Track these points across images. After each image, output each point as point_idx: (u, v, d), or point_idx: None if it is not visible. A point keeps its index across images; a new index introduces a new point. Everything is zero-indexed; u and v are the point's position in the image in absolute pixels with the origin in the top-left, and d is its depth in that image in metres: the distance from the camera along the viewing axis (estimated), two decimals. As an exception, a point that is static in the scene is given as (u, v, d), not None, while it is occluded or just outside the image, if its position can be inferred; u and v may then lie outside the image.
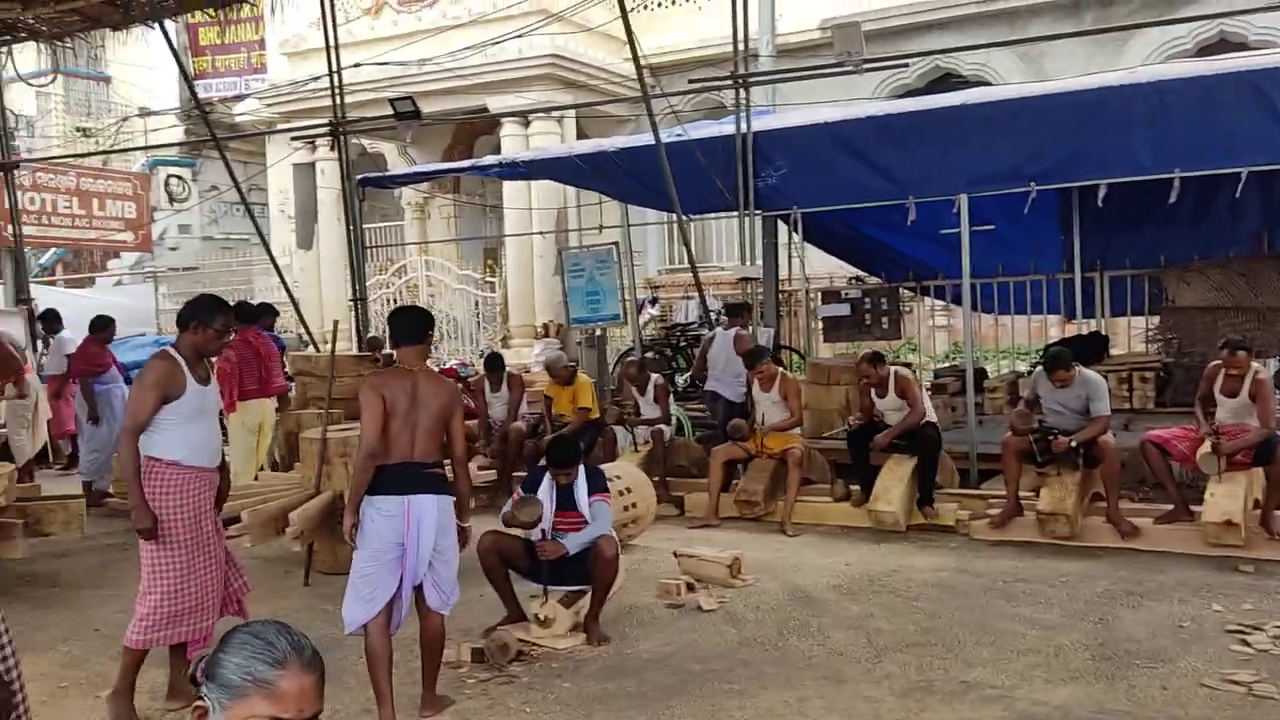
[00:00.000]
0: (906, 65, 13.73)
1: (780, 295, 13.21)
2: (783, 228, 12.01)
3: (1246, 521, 6.24)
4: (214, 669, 1.63)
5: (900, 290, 12.30)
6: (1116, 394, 9.86)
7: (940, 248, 10.33)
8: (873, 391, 7.68)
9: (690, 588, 6.01)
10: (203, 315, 4.39)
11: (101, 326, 10.01)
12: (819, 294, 12.78)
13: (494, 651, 4.93)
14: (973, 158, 8.55)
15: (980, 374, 11.54)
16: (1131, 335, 12.35)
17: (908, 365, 12.00)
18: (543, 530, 5.30)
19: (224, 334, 4.53)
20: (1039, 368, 7.51)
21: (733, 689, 4.51)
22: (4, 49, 12.73)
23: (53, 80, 20.31)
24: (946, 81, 15.57)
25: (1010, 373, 11.96)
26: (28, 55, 15.37)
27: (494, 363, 9.53)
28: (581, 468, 5.40)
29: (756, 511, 7.79)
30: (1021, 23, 14.98)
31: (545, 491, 5.36)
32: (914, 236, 10.64)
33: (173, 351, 4.37)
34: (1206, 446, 6.43)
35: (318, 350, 9.85)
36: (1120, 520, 6.60)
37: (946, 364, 13.26)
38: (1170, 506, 6.67)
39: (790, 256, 13.04)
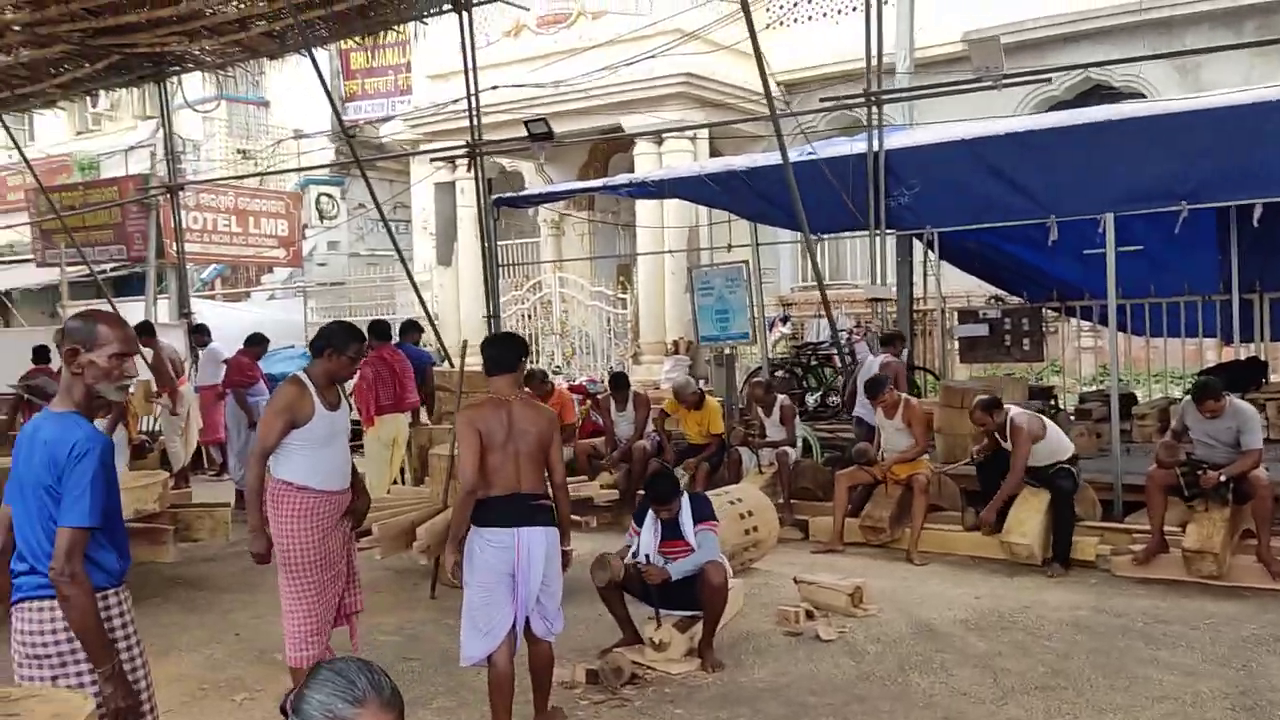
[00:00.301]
0: (1050, 80, 13.22)
1: (915, 315, 12.95)
2: (918, 246, 11.79)
3: None
4: (299, 704, 1.68)
5: (1043, 311, 11.86)
6: (1275, 424, 9.28)
7: (1086, 267, 9.91)
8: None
9: (809, 615, 5.92)
10: (337, 343, 4.46)
11: (256, 343, 10.56)
12: (955, 313, 12.45)
13: (608, 674, 4.95)
14: (1120, 175, 8.19)
15: (1129, 400, 11.02)
16: (1295, 361, 11.59)
17: (1049, 389, 11.58)
18: (646, 556, 5.31)
19: (356, 361, 4.58)
20: (1188, 397, 7.12)
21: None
22: (174, 79, 13.56)
23: (216, 106, 21.54)
24: (1096, 94, 14.98)
25: (1162, 399, 11.36)
26: (194, 83, 16.35)
27: (618, 381, 9.60)
28: (686, 497, 5.37)
29: (882, 538, 7.63)
30: (1177, 33, 14.27)
31: (650, 522, 5.35)
32: (1059, 255, 10.24)
33: (303, 377, 4.45)
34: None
35: (452, 365, 10.11)
36: (1272, 560, 6.20)
37: (1092, 388, 12.70)
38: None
39: (926, 275, 12.78)
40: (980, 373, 12.50)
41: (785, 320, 15.20)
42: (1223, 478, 6.34)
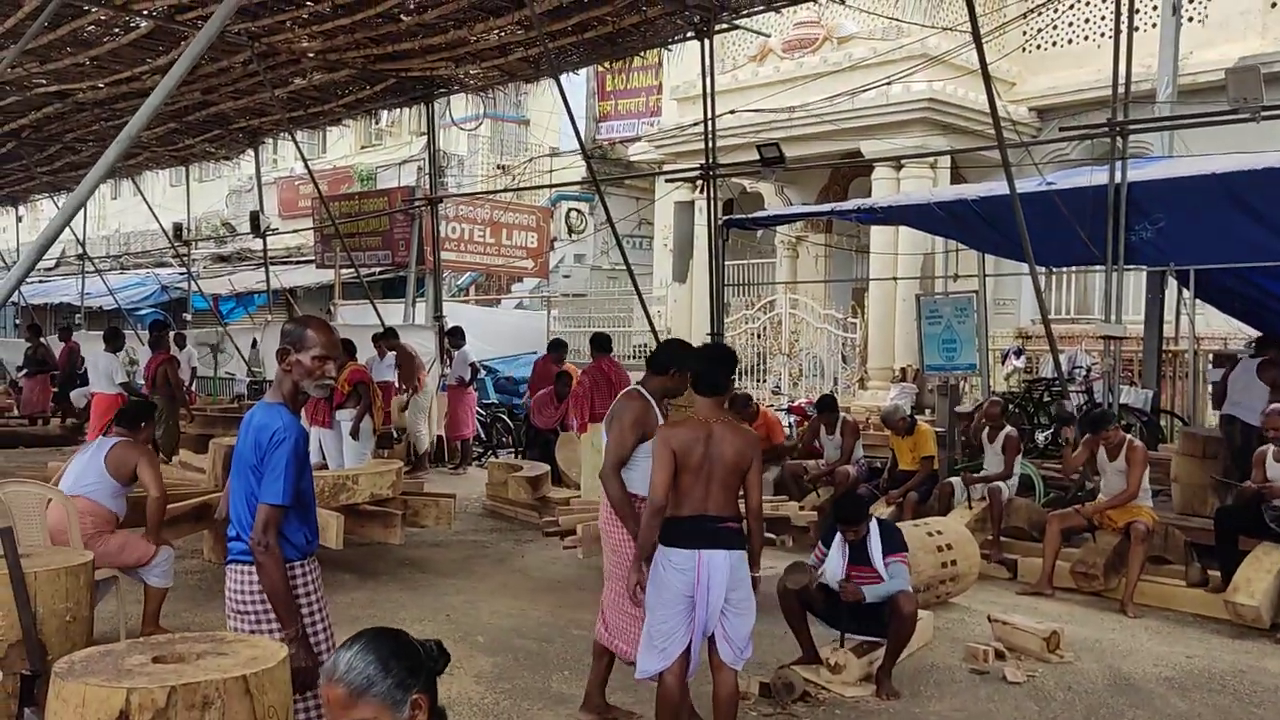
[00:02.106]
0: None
1: (1165, 355, 12.18)
2: (1171, 283, 11.10)
3: None
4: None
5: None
6: None
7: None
8: (1270, 455, 6.90)
9: (1000, 655, 5.81)
10: (680, 363, 4.62)
11: (556, 347, 12.10)
12: (1210, 356, 11.64)
13: (780, 689, 5.08)
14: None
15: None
16: None
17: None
18: (839, 582, 5.36)
19: (684, 382, 4.57)
20: None
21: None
22: (442, 99, 14.72)
23: (480, 124, 23.05)
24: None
25: None
26: (462, 103, 17.64)
27: (826, 404, 9.66)
28: (876, 525, 5.40)
29: (1095, 585, 7.31)
30: None
31: (837, 545, 5.42)
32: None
33: (644, 392, 4.66)
34: None
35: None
36: None
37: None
38: None
39: (1179, 314, 12.01)
40: (1232, 421, 11.60)
41: (1019, 354, 14.65)
42: None
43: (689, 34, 11.32)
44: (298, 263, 23.04)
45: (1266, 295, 10.81)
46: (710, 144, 11.39)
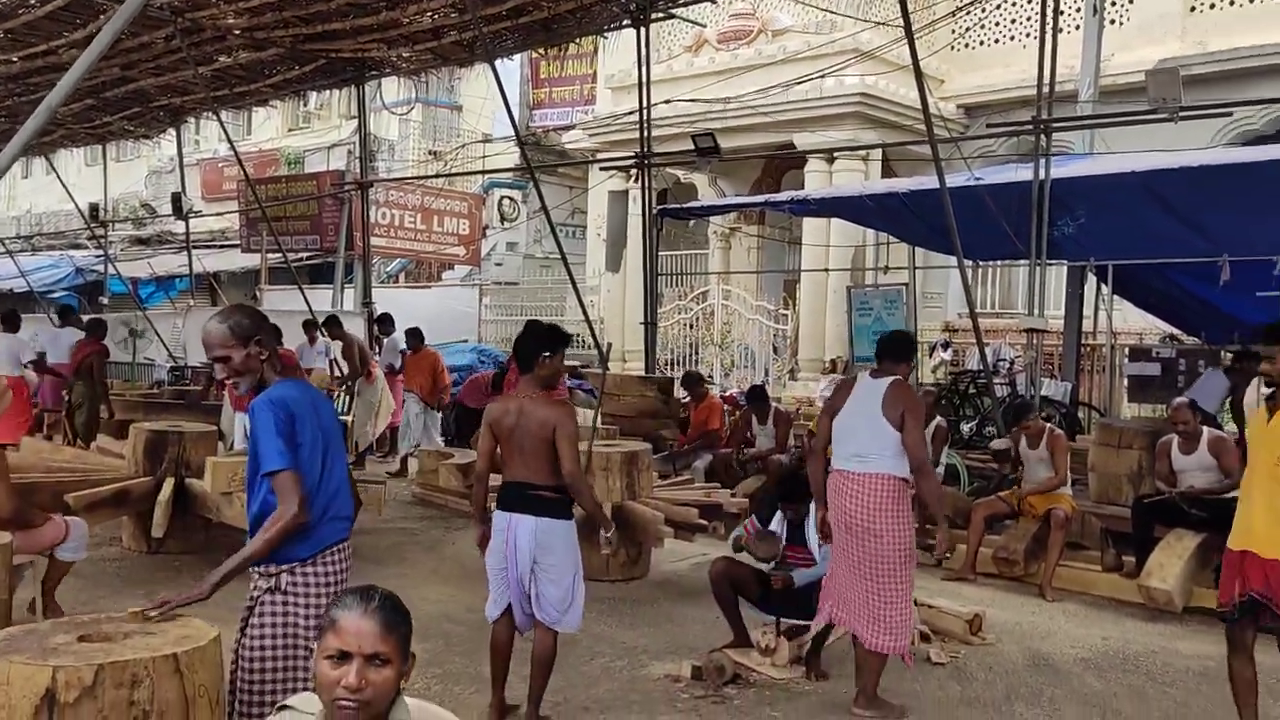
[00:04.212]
0: (1231, 113, 12.55)
1: (1084, 349, 12.53)
2: (1090, 278, 11.42)
3: None
4: (319, 621, 2.11)
5: (1222, 354, 11.30)
6: None
7: (1275, 309, 9.46)
8: (1175, 447, 7.13)
9: (925, 638, 5.91)
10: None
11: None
12: (1127, 350, 12.00)
13: (710, 671, 5.13)
14: (1300, 215, 7.79)
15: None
16: None
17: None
18: (775, 560, 5.44)
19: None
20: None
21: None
22: (373, 82, 14.51)
23: (411, 109, 22.78)
24: (1304, 129, 14.12)
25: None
26: (394, 87, 17.40)
27: (757, 395, 9.76)
28: (814, 508, 5.47)
29: (1015, 571, 7.48)
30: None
31: (777, 523, 5.49)
32: (1241, 296, 9.78)
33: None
34: None
35: (606, 369, 10.48)
36: None
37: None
38: None
39: (1097, 309, 12.36)
40: (1149, 413, 11.99)
41: (947, 346, 14.94)
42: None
43: (625, 22, 11.32)
44: (222, 247, 22.55)
45: (1181, 291, 11.19)
46: (645, 133, 11.41)
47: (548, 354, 4.50)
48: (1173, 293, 11.24)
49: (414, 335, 12.25)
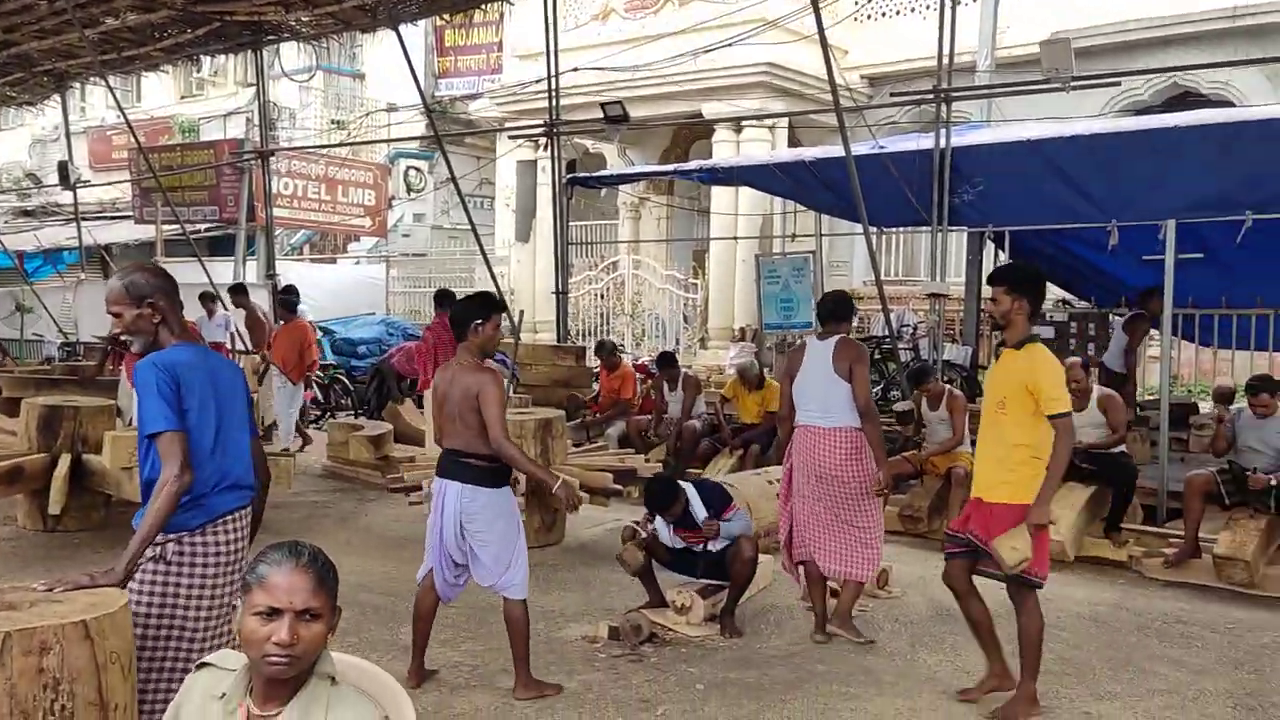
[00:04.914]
0: (1119, 83, 13.03)
1: (983, 314, 12.91)
2: (989, 245, 11.75)
3: None
4: (243, 578, 2.09)
5: (1111, 316, 11.76)
6: (1340, 442, 9.11)
7: (1158, 274, 9.89)
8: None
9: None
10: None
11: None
12: (1023, 315, 12.39)
13: (627, 630, 5.21)
14: (1184, 182, 8.14)
15: (1190, 409, 10.92)
16: (1371, 380, 11.29)
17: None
18: (670, 549, 5.57)
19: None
20: (1240, 410, 7.11)
21: (849, 692, 4.60)
22: (271, 47, 14.10)
23: (312, 76, 22.23)
24: (1184, 100, 14.69)
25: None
26: (293, 53, 16.95)
27: (666, 361, 9.86)
28: (694, 491, 5.55)
29: (920, 528, 7.74)
30: (1271, 40, 13.92)
31: (660, 523, 5.57)
32: (1129, 261, 10.18)
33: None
34: None
35: (518, 339, 10.49)
36: (1308, 573, 6.19)
37: (1154, 396, 12.56)
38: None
39: (995, 274, 12.72)
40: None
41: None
42: (1272, 481, 6.35)
43: (532, -12, 11.21)
44: (114, 218, 21.78)
45: (1072, 257, 11.60)
46: (554, 102, 11.34)
47: (480, 321, 4.51)
48: (1064, 258, 11.63)
49: (286, 304, 10.94)
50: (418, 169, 23.99)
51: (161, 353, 3.13)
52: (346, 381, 14.40)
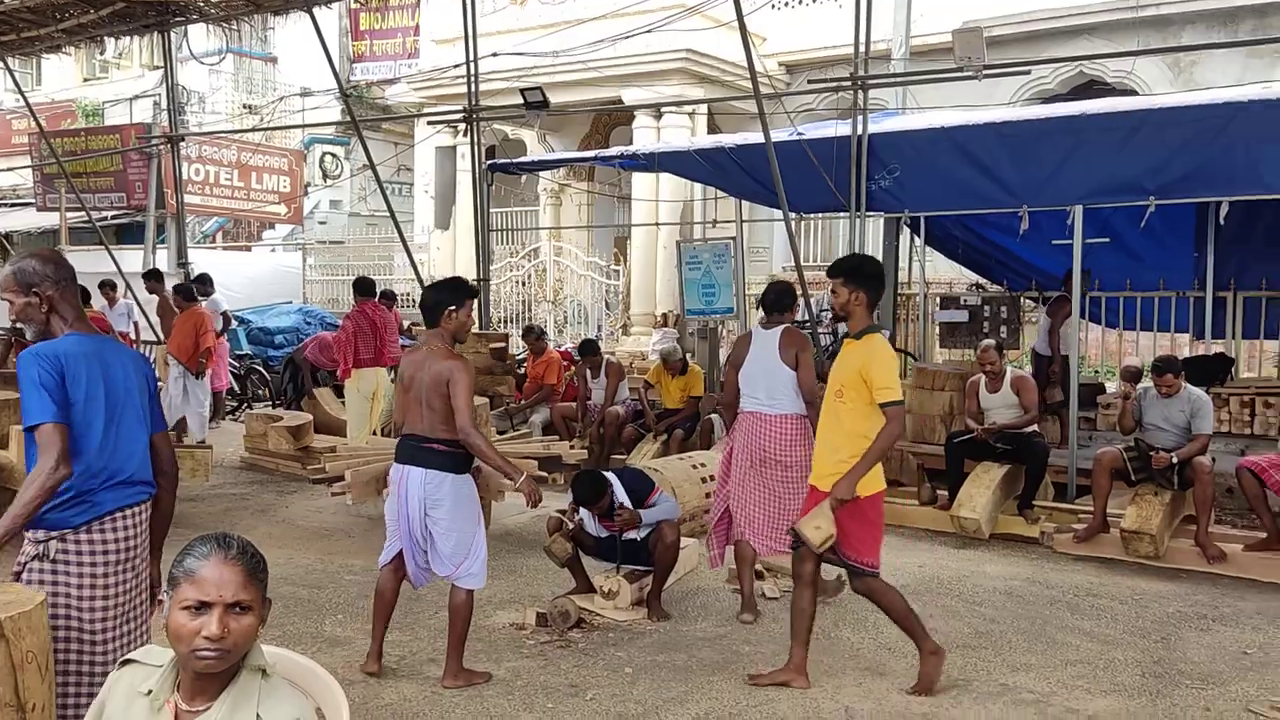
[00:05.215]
0: (1028, 72, 13.39)
1: (899, 299, 13.16)
2: (905, 230, 11.98)
3: (1343, 556, 6.02)
4: (170, 572, 2.04)
5: (1021, 299, 12.09)
6: (1238, 418, 9.53)
7: (1066, 258, 10.18)
8: (983, 386, 7.62)
9: (760, 576, 6.17)
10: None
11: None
12: (938, 299, 12.67)
13: (555, 616, 5.23)
14: (1091, 168, 8.35)
15: (1097, 389, 11.28)
16: (1264, 359, 11.83)
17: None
18: (596, 538, 5.60)
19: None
20: (1144, 385, 7.37)
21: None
22: (179, 29, 13.69)
23: (222, 59, 21.66)
24: (1090, 89, 15.13)
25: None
26: (201, 35, 16.49)
27: (588, 348, 9.88)
28: (616, 479, 5.59)
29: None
30: (1173, 30, 14.41)
31: (586, 515, 5.60)
32: (1038, 245, 10.47)
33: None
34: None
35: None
36: (1208, 544, 6.45)
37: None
38: (1264, 534, 6.48)
39: (911, 260, 12.99)
40: (959, 357, 12.74)
41: (772, 298, 15.39)
42: (1174, 459, 6.60)
43: (449, -29, 11.07)
44: (13, 205, 21.00)
45: (984, 241, 11.90)
46: (473, 87, 11.23)
47: (453, 307, 4.48)
48: (978, 243, 11.93)
49: (185, 291, 10.28)
50: (334, 155, 23.56)
51: (46, 343, 3.02)
52: (264, 371, 14.13)
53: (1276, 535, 6.35)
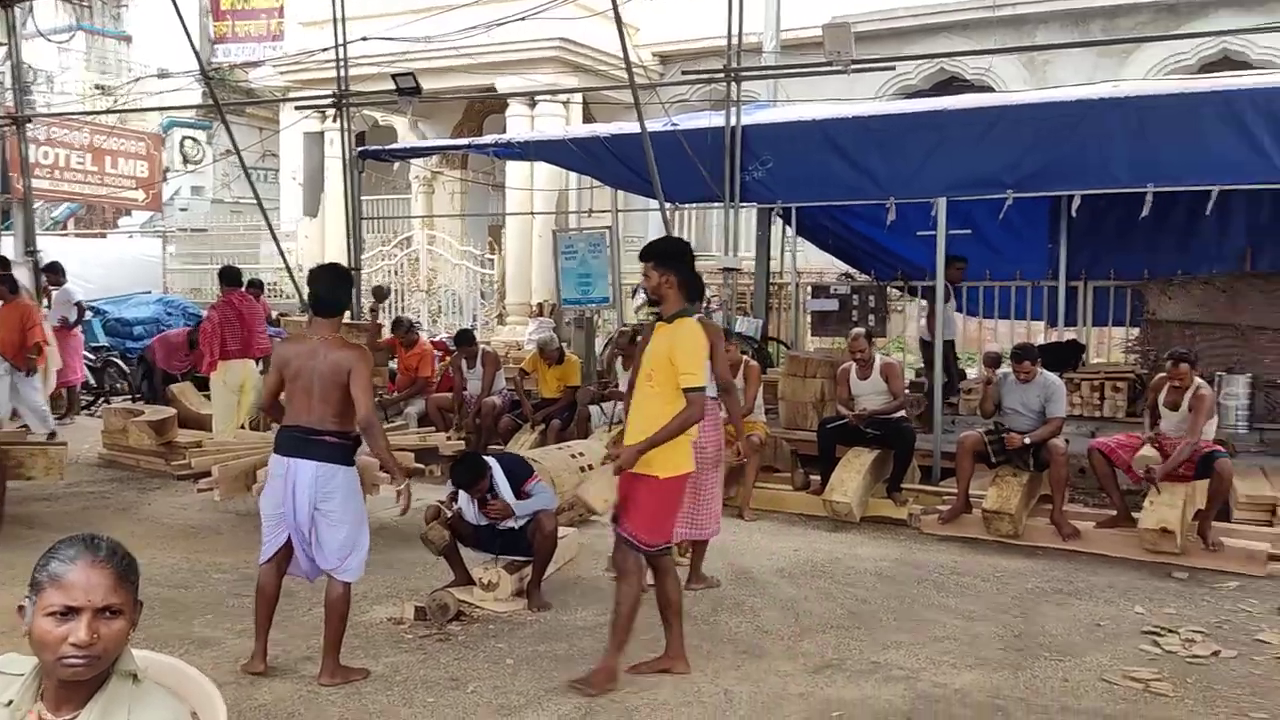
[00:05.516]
0: (894, 68, 13.86)
1: (772, 288, 13.42)
2: (777, 221, 12.23)
3: (1184, 530, 6.40)
4: (32, 575, 1.92)
5: (888, 289, 12.47)
6: (1089, 402, 10.04)
7: (930, 249, 10.54)
8: (853, 373, 7.83)
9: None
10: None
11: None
12: (809, 288, 12.97)
13: (434, 610, 5.17)
14: (953, 162, 8.67)
15: (960, 375, 11.73)
16: (1112, 345, 12.49)
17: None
18: (475, 526, 5.56)
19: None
20: (1003, 370, 7.69)
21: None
22: (23, 3, 12.96)
23: (72, 36, 20.57)
24: (950, 85, 15.68)
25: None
26: (49, 10, 15.65)
27: (464, 338, 9.79)
28: (496, 465, 5.58)
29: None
30: (1028, 30, 15.06)
31: (465, 500, 5.57)
32: (904, 237, 10.79)
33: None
34: (1145, 450, 6.62)
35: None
36: (1063, 522, 6.79)
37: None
38: (1114, 512, 6.85)
39: (783, 250, 13.26)
40: (830, 345, 13.07)
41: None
42: (1027, 440, 6.91)
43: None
44: None
45: (853, 233, 12.24)
46: (344, 71, 10.95)
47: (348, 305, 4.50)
48: (847, 234, 12.26)
49: (8, 282, 9.69)
50: (195, 139, 22.68)
51: None
52: (121, 364, 13.52)
53: (1125, 513, 6.72)
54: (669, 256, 4.42)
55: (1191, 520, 6.59)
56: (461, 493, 5.57)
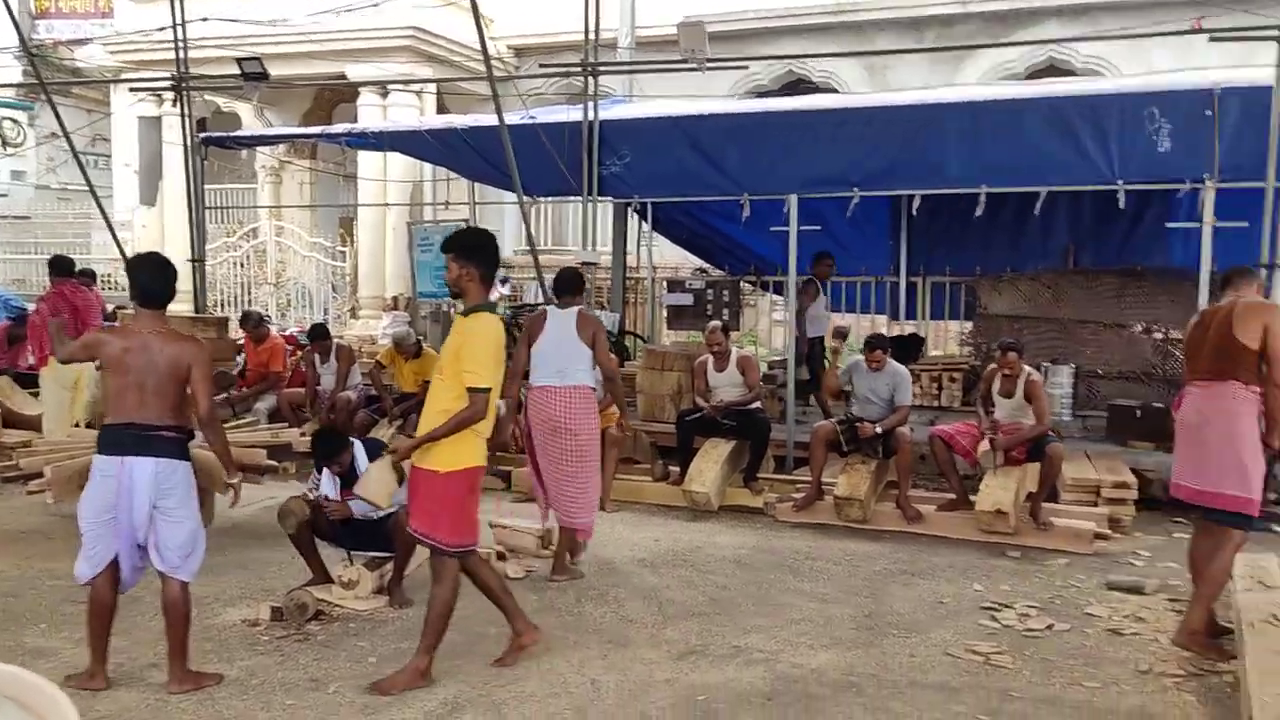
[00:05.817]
0: (747, 67, 14.21)
1: (629, 282, 13.55)
2: (633, 215, 12.34)
3: (1017, 511, 6.80)
4: None
5: (741, 283, 12.75)
6: (928, 392, 10.53)
7: (781, 244, 10.84)
8: (710, 366, 7.97)
9: (501, 557, 6.21)
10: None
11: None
12: (665, 283, 13.14)
13: (292, 610, 5.04)
14: (803, 161, 8.96)
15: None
16: (948, 338, 13.12)
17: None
18: (326, 498, 5.46)
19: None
20: (855, 358, 7.99)
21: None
22: None
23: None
24: (798, 86, 16.13)
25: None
26: None
27: (318, 333, 9.55)
28: (359, 445, 5.53)
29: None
30: (868, 36, 15.64)
31: (327, 477, 5.47)
32: (758, 232, 11.07)
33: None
34: (986, 443, 6.99)
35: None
36: (908, 506, 7.10)
37: (781, 357, 13.79)
38: (953, 496, 7.21)
39: (639, 244, 13.40)
40: (685, 338, 13.28)
41: (505, 281, 15.44)
42: (878, 429, 7.19)
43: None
44: None
45: (708, 228, 12.47)
46: (183, 53, 10.49)
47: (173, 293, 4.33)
48: (702, 229, 12.49)
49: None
50: (14, 121, 21.28)
51: None
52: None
53: (963, 496, 7.09)
54: (470, 249, 4.33)
55: (1024, 502, 7.00)
56: (325, 473, 5.45)
